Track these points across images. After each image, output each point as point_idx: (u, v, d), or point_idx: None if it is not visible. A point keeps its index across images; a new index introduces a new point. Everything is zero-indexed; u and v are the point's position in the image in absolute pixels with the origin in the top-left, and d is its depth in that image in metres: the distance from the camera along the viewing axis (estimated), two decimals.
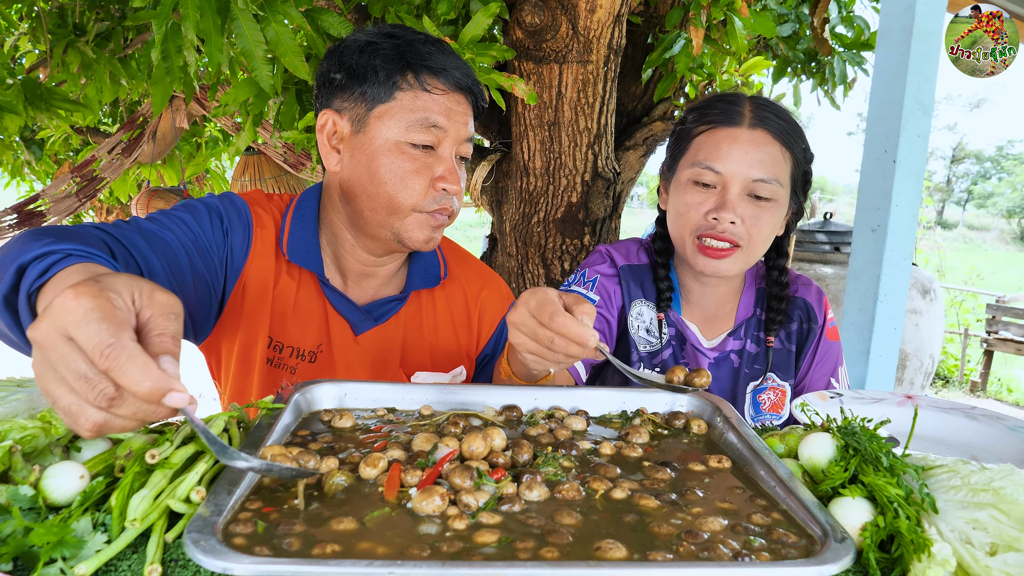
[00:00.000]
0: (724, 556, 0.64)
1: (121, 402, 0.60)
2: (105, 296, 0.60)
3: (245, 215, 1.28)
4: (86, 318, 0.58)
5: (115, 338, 0.58)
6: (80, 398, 0.60)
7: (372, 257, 1.31)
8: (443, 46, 1.24)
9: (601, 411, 1.03)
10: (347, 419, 0.93)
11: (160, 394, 0.59)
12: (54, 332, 0.59)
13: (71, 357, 0.59)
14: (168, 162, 4.92)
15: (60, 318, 0.59)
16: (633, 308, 1.53)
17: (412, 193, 1.20)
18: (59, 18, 3.12)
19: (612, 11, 2.39)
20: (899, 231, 2.73)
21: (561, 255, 2.82)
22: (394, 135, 1.18)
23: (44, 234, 0.89)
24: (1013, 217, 37.21)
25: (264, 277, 1.27)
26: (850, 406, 1.21)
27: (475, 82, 1.25)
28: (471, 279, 1.44)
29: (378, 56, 1.19)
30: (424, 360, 1.37)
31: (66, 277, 0.75)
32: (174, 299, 0.66)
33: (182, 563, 0.67)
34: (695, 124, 1.43)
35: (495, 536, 0.66)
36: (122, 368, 0.58)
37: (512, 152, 2.79)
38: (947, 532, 0.71)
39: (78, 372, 0.59)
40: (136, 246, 1.06)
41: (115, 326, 0.59)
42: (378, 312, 1.33)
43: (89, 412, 0.60)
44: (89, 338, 0.58)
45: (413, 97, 1.18)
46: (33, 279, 0.77)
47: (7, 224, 3.95)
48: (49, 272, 0.77)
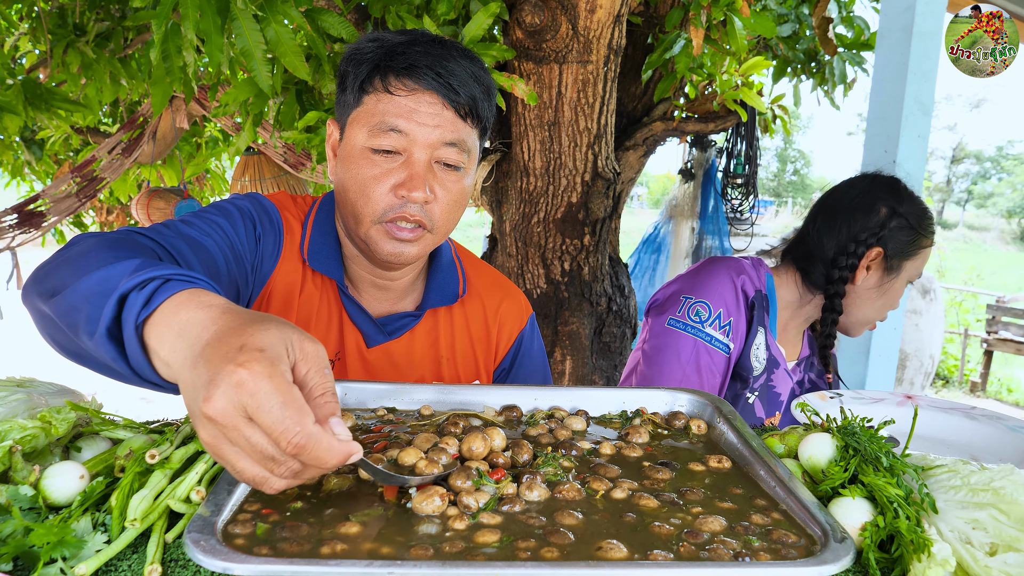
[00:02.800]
0: (724, 556, 0.64)
1: (305, 472, 0.63)
2: (279, 373, 0.61)
3: (276, 221, 1.26)
4: (268, 403, 0.59)
5: (300, 426, 0.60)
6: (266, 471, 0.62)
7: (377, 269, 1.28)
8: (431, 46, 1.15)
9: (601, 411, 1.03)
10: (347, 419, 0.93)
11: (344, 461, 0.63)
12: (233, 412, 0.60)
13: (256, 439, 0.60)
14: (168, 162, 4.92)
15: (238, 398, 0.59)
16: (757, 337, 1.57)
17: (369, 201, 1.14)
18: (59, 18, 3.12)
19: (612, 11, 2.39)
20: None
21: (561, 255, 2.82)
22: (361, 141, 1.14)
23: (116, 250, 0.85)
24: (1013, 217, 37.19)
25: (291, 284, 1.25)
26: (850, 406, 1.21)
27: (459, 79, 1.13)
28: (490, 292, 1.41)
29: (355, 62, 1.16)
30: (437, 378, 1.35)
31: (179, 311, 0.72)
32: (321, 348, 0.67)
33: (182, 563, 0.68)
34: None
35: (495, 536, 0.66)
36: (311, 454, 0.60)
37: (512, 152, 2.79)
38: (947, 532, 0.71)
39: (264, 453, 0.61)
40: (182, 253, 1.04)
41: (297, 412, 0.60)
42: (392, 327, 1.30)
43: (275, 482, 0.63)
44: (275, 425, 0.59)
45: (376, 101, 1.13)
46: (138, 310, 0.74)
47: (7, 224, 3.95)
48: (153, 301, 0.74)
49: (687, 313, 1.56)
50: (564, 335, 2.85)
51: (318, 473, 0.64)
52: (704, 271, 1.64)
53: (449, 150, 1.15)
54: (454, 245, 1.43)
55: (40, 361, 1.01)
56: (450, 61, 1.13)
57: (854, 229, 1.58)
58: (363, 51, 1.16)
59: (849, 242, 1.58)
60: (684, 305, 1.58)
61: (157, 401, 5.97)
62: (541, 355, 1.49)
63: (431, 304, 1.33)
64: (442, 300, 1.33)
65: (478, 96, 1.16)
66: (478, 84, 1.16)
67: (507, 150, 2.88)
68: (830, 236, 1.60)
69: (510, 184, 2.86)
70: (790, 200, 36.59)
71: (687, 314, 1.56)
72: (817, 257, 1.61)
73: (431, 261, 1.37)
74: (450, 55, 1.14)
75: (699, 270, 1.66)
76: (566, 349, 2.85)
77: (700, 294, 1.57)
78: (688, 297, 1.59)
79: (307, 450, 0.60)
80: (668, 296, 1.66)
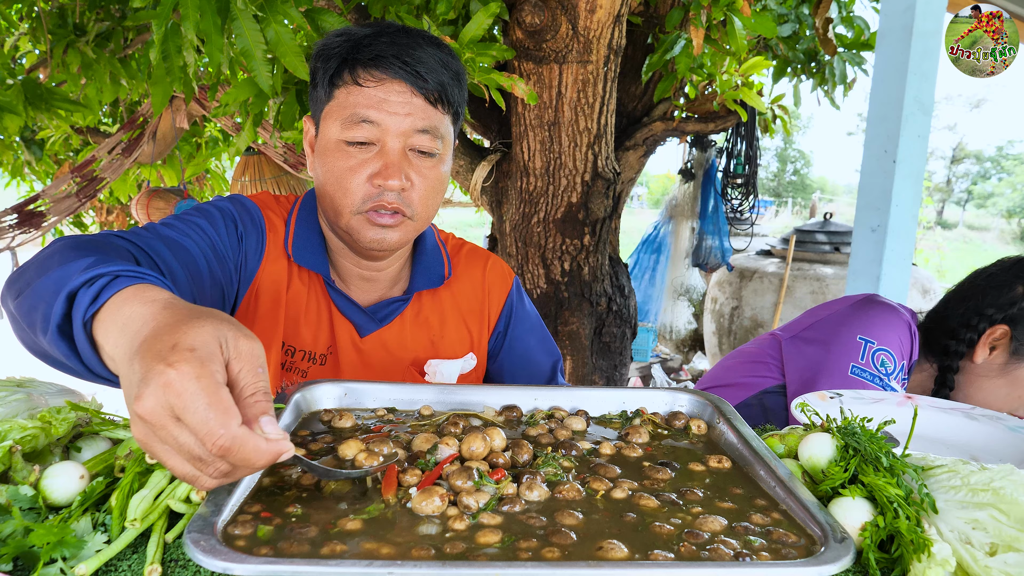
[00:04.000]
0: (724, 556, 0.64)
1: (235, 472, 0.63)
2: (208, 372, 0.61)
3: (258, 220, 1.27)
4: (194, 403, 0.59)
5: (225, 428, 0.59)
6: (196, 470, 0.62)
7: (362, 260, 1.29)
8: (397, 35, 1.15)
9: (601, 411, 1.03)
10: (347, 419, 0.93)
11: (274, 461, 0.63)
12: (161, 412, 0.60)
13: (183, 438, 0.60)
14: (168, 162, 4.92)
15: (165, 398, 0.59)
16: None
17: (347, 193, 1.15)
18: (59, 18, 3.12)
19: (612, 11, 2.39)
20: (899, 231, 2.73)
21: (561, 255, 2.82)
22: (335, 135, 1.16)
23: (79, 249, 0.86)
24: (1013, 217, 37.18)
25: (277, 282, 1.26)
26: (850, 406, 1.21)
27: (426, 66, 1.14)
28: (472, 264, 1.43)
29: (324, 57, 1.17)
30: (432, 356, 1.36)
31: (123, 306, 0.73)
32: (257, 345, 0.68)
33: (182, 563, 0.68)
34: None
35: (496, 536, 0.66)
36: (236, 455, 0.60)
37: (512, 152, 2.79)
38: (947, 532, 0.71)
39: (192, 453, 0.61)
40: (160, 255, 1.05)
41: (222, 413, 0.60)
42: (382, 314, 1.32)
43: (205, 481, 0.63)
44: (200, 426, 0.59)
45: (346, 94, 1.15)
46: (86, 306, 0.75)
47: (7, 224, 3.95)
48: (101, 298, 0.75)
49: (872, 361, 1.49)
50: (564, 335, 2.85)
51: (249, 473, 0.64)
52: (876, 313, 1.56)
53: (422, 137, 1.16)
54: (436, 230, 1.45)
55: (40, 361, 1.01)
56: (416, 49, 1.14)
57: (983, 303, 1.51)
58: (331, 46, 1.17)
59: (973, 315, 1.51)
60: (865, 351, 1.50)
61: None
62: (535, 314, 1.51)
63: (418, 287, 1.34)
64: (428, 283, 1.35)
65: (446, 81, 1.16)
66: (446, 70, 1.17)
67: (507, 150, 2.88)
68: (957, 306, 1.55)
69: (510, 184, 2.86)
70: (790, 200, 36.60)
71: (872, 362, 1.49)
72: (941, 326, 1.56)
73: (415, 247, 1.39)
74: (416, 43, 1.15)
75: (867, 310, 1.57)
76: (566, 349, 2.85)
77: (882, 340, 1.49)
78: (868, 340, 1.50)
79: (232, 452, 0.60)
80: (830, 329, 1.56)
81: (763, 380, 1.67)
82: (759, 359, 1.70)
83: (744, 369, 1.72)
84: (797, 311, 5.54)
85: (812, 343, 1.59)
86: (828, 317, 1.62)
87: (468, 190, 3.06)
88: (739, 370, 1.74)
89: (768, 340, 1.73)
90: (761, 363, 1.69)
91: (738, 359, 1.78)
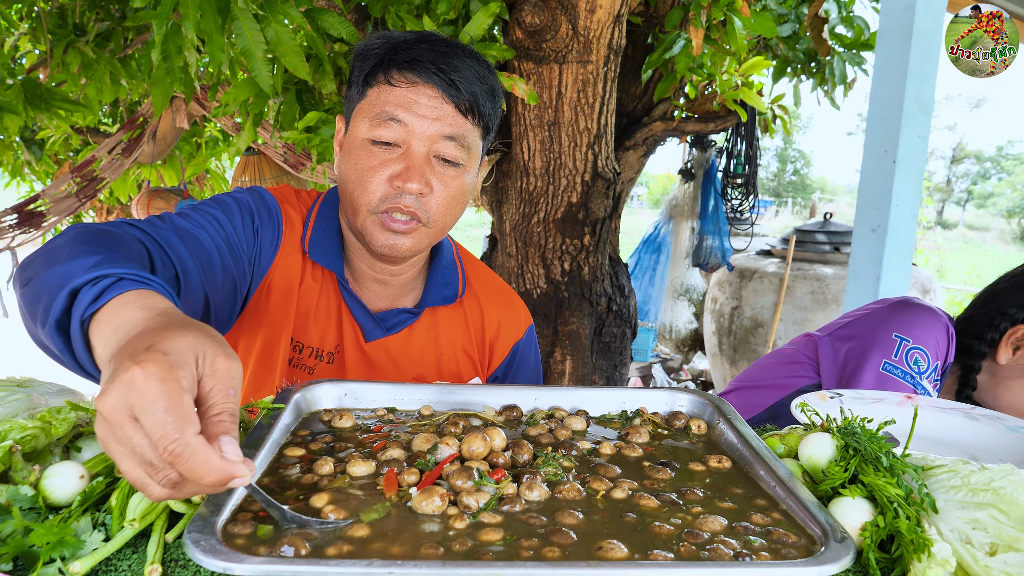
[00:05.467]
0: (724, 556, 0.64)
1: (184, 485, 0.61)
2: (174, 378, 0.60)
3: (276, 214, 1.27)
4: (153, 405, 0.58)
5: (179, 433, 0.58)
6: (146, 476, 0.61)
7: (377, 263, 1.29)
8: (437, 44, 1.16)
9: (601, 411, 1.03)
10: (347, 419, 0.93)
11: (224, 483, 0.60)
12: (121, 410, 0.59)
13: (137, 440, 0.59)
14: (168, 162, 4.92)
15: (127, 397, 0.59)
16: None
17: (366, 192, 1.15)
18: (59, 18, 3.12)
19: (612, 11, 2.39)
20: (899, 231, 2.73)
21: (561, 255, 2.82)
22: (362, 133, 1.16)
23: (89, 244, 0.86)
24: (1013, 217, 37.19)
25: (290, 277, 1.26)
26: (850, 406, 1.21)
27: (462, 76, 1.14)
28: (490, 298, 1.41)
29: (362, 57, 1.18)
30: (434, 375, 1.35)
31: (120, 309, 0.73)
32: (235, 366, 0.66)
33: (182, 563, 0.68)
34: None
35: (496, 536, 0.66)
36: (185, 465, 0.59)
37: (512, 152, 2.79)
38: (947, 532, 0.71)
39: (144, 457, 0.60)
40: (172, 246, 1.05)
41: (180, 419, 0.58)
42: (391, 322, 1.31)
43: (154, 489, 0.61)
44: (155, 429, 0.58)
45: (378, 92, 1.15)
46: (86, 306, 0.75)
47: (7, 224, 3.95)
48: (102, 299, 0.75)
49: (905, 359, 1.47)
50: (564, 335, 2.85)
51: (196, 490, 0.62)
52: (914, 313, 1.55)
53: (448, 144, 1.15)
54: (456, 246, 1.44)
55: (40, 361, 1.00)
56: (454, 58, 1.14)
57: (1006, 303, 1.51)
58: (371, 47, 1.18)
59: (996, 315, 1.50)
60: (900, 348, 1.48)
61: None
62: (535, 367, 1.49)
63: (430, 303, 1.33)
64: (441, 300, 1.34)
65: (479, 94, 1.16)
66: (481, 83, 1.17)
67: (507, 150, 2.88)
68: (982, 308, 1.54)
69: (510, 184, 2.86)
70: (790, 200, 36.59)
71: (905, 359, 1.47)
72: (968, 329, 1.55)
73: (432, 259, 1.37)
74: (455, 53, 1.15)
75: (905, 310, 1.57)
76: (566, 349, 2.85)
77: (917, 339, 1.48)
78: (903, 339, 1.49)
79: (182, 460, 0.58)
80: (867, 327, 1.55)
81: (798, 380, 1.66)
82: (795, 359, 1.70)
83: (779, 370, 1.72)
84: (797, 311, 5.54)
85: (848, 340, 1.59)
86: (865, 316, 1.62)
87: None
88: (774, 371, 1.73)
89: (804, 340, 1.72)
90: (797, 363, 1.68)
91: (774, 359, 1.77)
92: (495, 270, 3.00)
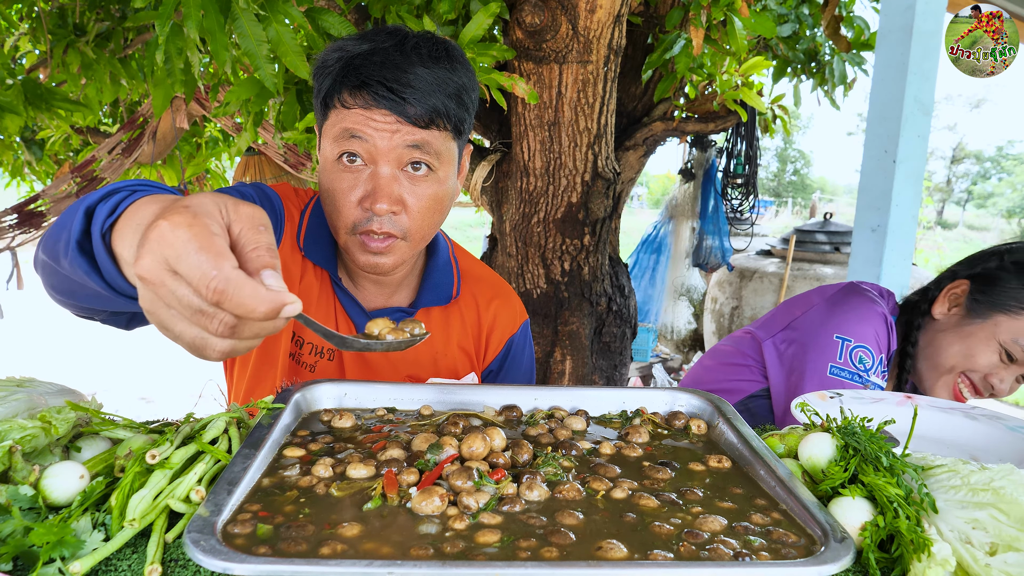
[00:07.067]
0: (724, 556, 0.64)
1: (243, 327, 0.61)
2: (201, 223, 0.59)
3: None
4: (186, 248, 0.58)
5: (217, 269, 0.58)
6: (202, 330, 0.60)
7: None
8: (389, 54, 1.09)
9: (601, 411, 1.03)
10: (347, 419, 0.93)
11: (276, 311, 0.60)
12: (157, 266, 0.58)
13: (181, 292, 0.59)
14: (168, 162, 4.92)
15: (160, 251, 0.58)
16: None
17: (340, 214, 1.15)
18: (59, 18, 3.12)
19: (612, 11, 2.39)
20: (899, 231, 2.73)
21: (561, 255, 2.82)
22: (329, 152, 1.15)
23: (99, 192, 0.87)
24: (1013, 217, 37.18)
25: (290, 272, 1.27)
26: (850, 406, 1.21)
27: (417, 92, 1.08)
28: (485, 293, 1.41)
29: (319, 75, 1.16)
30: (430, 373, 1.36)
31: (138, 209, 0.72)
32: (259, 210, 0.66)
33: (182, 563, 0.68)
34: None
35: (496, 536, 0.66)
36: (232, 300, 0.58)
37: (512, 152, 2.79)
38: (947, 532, 0.71)
39: (192, 307, 0.59)
40: None
41: (214, 256, 0.58)
42: None
43: (214, 343, 0.61)
44: (192, 271, 0.57)
45: (336, 114, 1.13)
46: (104, 218, 0.75)
47: (7, 224, 3.95)
48: (119, 209, 0.74)
49: (850, 359, 1.47)
50: (564, 335, 2.85)
51: (255, 330, 0.61)
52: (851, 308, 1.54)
53: (413, 152, 1.12)
54: (452, 245, 1.44)
55: (40, 361, 1.00)
56: (408, 70, 1.09)
57: (954, 266, 1.52)
58: (327, 63, 1.15)
59: (945, 276, 1.52)
60: (843, 349, 1.48)
61: (157, 401, 5.96)
62: (529, 363, 1.49)
63: (424, 303, 1.34)
64: (435, 301, 1.34)
65: (439, 103, 1.11)
66: (441, 89, 1.11)
67: (507, 150, 2.88)
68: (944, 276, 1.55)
69: (510, 184, 2.86)
70: (790, 200, 36.59)
71: (851, 360, 1.47)
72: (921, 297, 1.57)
73: (428, 258, 1.37)
74: (409, 63, 1.09)
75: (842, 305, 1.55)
76: (566, 349, 2.85)
77: (859, 336, 1.48)
78: (845, 339, 1.49)
79: (227, 296, 0.57)
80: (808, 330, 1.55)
81: (748, 384, 1.66)
82: (739, 361, 1.69)
83: (725, 371, 1.71)
84: None
85: (791, 344, 1.58)
86: (805, 316, 1.61)
87: (468, 190, 3.06)
88: (719, 372, 1.72)
89: (747, 340, 1.71)
90: (743, 366, 1.68)
91: (716, 359, 1.76)
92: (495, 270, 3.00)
